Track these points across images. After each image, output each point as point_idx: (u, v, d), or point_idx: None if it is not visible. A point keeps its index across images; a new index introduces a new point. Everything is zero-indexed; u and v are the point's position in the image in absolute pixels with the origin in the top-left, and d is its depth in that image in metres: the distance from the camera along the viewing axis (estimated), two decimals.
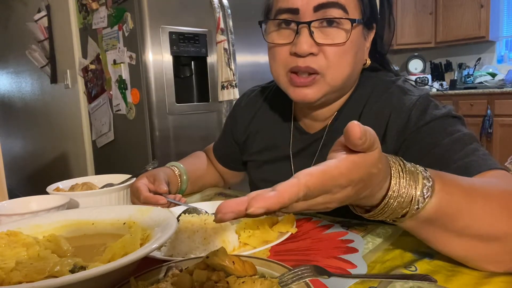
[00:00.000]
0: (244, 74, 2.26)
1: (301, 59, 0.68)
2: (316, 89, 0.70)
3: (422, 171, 0.45)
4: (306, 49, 0.66)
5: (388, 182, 0.43)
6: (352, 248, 0.56)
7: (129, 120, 2.15)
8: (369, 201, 0.44)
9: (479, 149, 0.61)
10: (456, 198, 0.45)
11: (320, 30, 0.68)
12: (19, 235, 0.50)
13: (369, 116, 0.74)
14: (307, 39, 0.66)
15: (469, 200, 0.46)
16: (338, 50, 0.68)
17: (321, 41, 0.67)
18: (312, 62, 0.68)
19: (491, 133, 3.57)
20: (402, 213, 0.44)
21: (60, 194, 0.73)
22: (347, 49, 0.68)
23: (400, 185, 0.43)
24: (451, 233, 0.46)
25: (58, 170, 2.95)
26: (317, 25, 0.67)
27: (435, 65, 4.45)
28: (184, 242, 0.57)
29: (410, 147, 0.67)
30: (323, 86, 0.70)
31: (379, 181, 0.42)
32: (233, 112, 1.01)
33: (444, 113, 0.66)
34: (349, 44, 0.68)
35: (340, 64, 0.69)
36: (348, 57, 0.69)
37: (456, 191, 0.46)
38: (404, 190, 0.43)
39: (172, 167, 0.92)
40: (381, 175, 0.41)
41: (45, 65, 2.77)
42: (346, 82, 0.73)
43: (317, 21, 0.67)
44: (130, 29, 2.01)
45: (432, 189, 0.44)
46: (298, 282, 0.39)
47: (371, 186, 0.41)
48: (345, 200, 0.40)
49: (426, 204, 0.44)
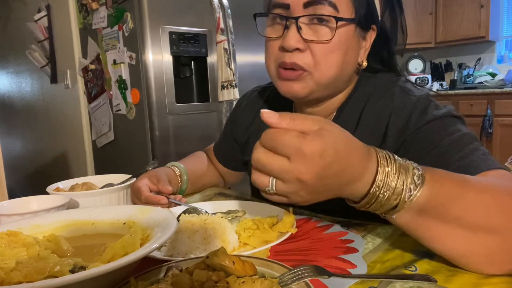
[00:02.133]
0: (244, 74, 2.26)
1: (288, 55, 0.69)
2: (302, 85, 0.71)
3: (411, 163, 0.46)
4: (293, 44, 0.67)
5: (375, 172, 0.44)
6: (352, 248, 0.56)
7: (129, 120, 2.15)
8: (357, 189, 0.46)
9: (479, 149, 0.61)
10: (447, 187, 0.46)
11: (310, 26, 0.68)
12: (19, 235, 0.50)
13: (370, 116, 0.74)
14: (294, 34, 0.67)
15: (461, 190, 0.46)
16: (324, 48, 0.68)
17: (308, 37, 0.68)
18: (298, 58, 0.68)
19: (491, 133, 3.57)
20: (395, 203, 0.45)
21: (60, 194, 0.73)
22: (335, 48, 0.68)
23: (388, 173, 0.44)
24: (444, 225, 0.46)
25: (58, 170, 2.95)
26: (307, 21, 0.68)
27: (435, 65, 4.45)
28: (184, 242, 0.57)
29: (410, 147, 0.67)
30: (309, 83, 0.71)
31: (355, 164, 0.44)
32: (233, 113, 1.01)
33: (444, 113, 0.66)
34: (337, 43, 0.68)
35: (326, 62, 0.69)
36: (335, 56, 0.69)
37: (447, 181, 0.47)
38: (393, 178, 0.44)
39: (172, 167, 0.92)
40: (356, 157, 0.44)
41: (45, 65, 2.77)
42: (335, 81, 0.72)
43: (306, 17, 0.67)
44: (130, 29, 2.01)
45: (422, 178, 0.45)
46: (298, 282, 0.39)
47: (346, 167, 0.43)
48: (319, 177, 0.42)
49: (418, 191, 0.44)
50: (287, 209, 0.69)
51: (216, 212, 0.72)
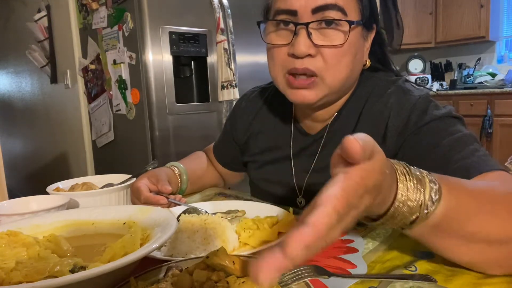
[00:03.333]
0: (244, 74, 2.25)
1: (299, 61, 0.67)
2: (315, 92, 0.70)
3: (427, 175, 0.43)
4: (304, 50, 0.66)
5: (395, 186, 0.41)
6: (352, 248, 0.56)
7: (129, 120, 2.15)
8: (381, 208, 0.42)
9: (479, 150, 0.61)
10: (463, 202, 0.44)
11: (319, 31, 0.67)
12: (19, 235, 0.50)
13: (369, 116, 0.74)
14: (305, 40, 0.66)
15: (477, 205, 0.45)
16: (336, 52, 0.67)
17: (319, 43, 0.67)
18: (310, 63, 0.67)
19: (491, 133, 3.57)
20: (412, 219, 0.42)
21: (60, 194, 0.73)
22: (346, 51, 0.68)
23: (408, 188, 0.41)
24: (460, 239, 0.45)
25: (58, 170, 2.95)
26: (315, 26, 0.67)
27: (435, 65, 4.45)
28: (184, 242, 0.57)
29: (410, 147, 0.67)
30: (322, 88, 0.70)
31: (388, 185, 0.40)
32: (233, 113, 1.01)
33: (444, 113, 0.66)
34: (348, 46, 0.67)
35: (338, 66, 0.68)
36: (346, 59, 0.68)
37: (462, 195, 0.45)
38: (412, 193, 0.41)
39: (172, 167, 0.92)
40: (389, 178, 0.39)
41: (45, 65, 2.77)
42: (345, 84, 0.72)
43: (315, 22, 0.66)
44: (130, 29, 2.01)
45: (439, 192, 0.42)
46: (298, 282, 0.39)
47: (383, 191, 0.39)
48: (364, 210, 0.36)
49: (435, 208, 0.42)
50: (287, 209, 0.69)
51: (216, 212, 0.72)
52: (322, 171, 0.78)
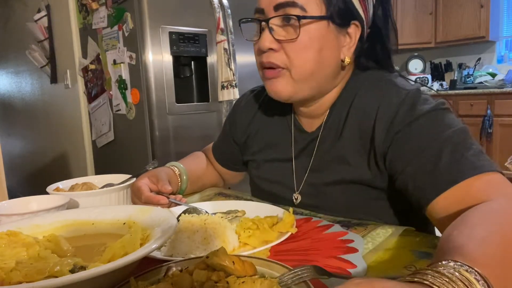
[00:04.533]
0: (244, 74, 2.26)
1: (265, 55, 0.73)
2: (283, 83, 0.74)
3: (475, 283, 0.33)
4: (266, 45, 0.71)
5: None
6: (352, 248, 0.56)
7: (129, 120, 2.15)
8: None
9: (471, 148, 0.60)
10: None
11: (282, 28, 0.72)
12: (19, 235, 0.50)
13: (358, 110, 0.74)
14: (267, 35, 0.72)
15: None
16: (295, 46, 0.71)
17: (278, 37, 0.71)
18: (274, 58, 0.72)
19: (491, 133, 3.57)
20: None
21: (60, 194, 0.74)
22: (307, 45, 0.70)
23: None
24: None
25: (58, 170, 2.95)
26: (279, 23, 0.71)
27: (435, 65, 4.45)
28: (184, 242, 0.57)
29: (399, 146, 0.66)
30: (289, 80, 0.73)
31: None
32: (232, 113, 1.01)
33: (433, 107, 0.66)
34: (309, 40, 0.70)
35: (300, 60, 0.71)
36: (309, 53, 0.71)
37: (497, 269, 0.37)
38: None
39: (172, 167, 0.92)
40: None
41: (45, 65, 2.77)
42: (315, 78, 0.73)
43: (277, 19, 0.71)
44: (130, 29, 2.01)
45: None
46: (298, 282, 0.39)
47: None
48: None
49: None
50: (287, 209, 0.69)
51: (216, 212, 0.72)
52: (318, 170, 0.78)
